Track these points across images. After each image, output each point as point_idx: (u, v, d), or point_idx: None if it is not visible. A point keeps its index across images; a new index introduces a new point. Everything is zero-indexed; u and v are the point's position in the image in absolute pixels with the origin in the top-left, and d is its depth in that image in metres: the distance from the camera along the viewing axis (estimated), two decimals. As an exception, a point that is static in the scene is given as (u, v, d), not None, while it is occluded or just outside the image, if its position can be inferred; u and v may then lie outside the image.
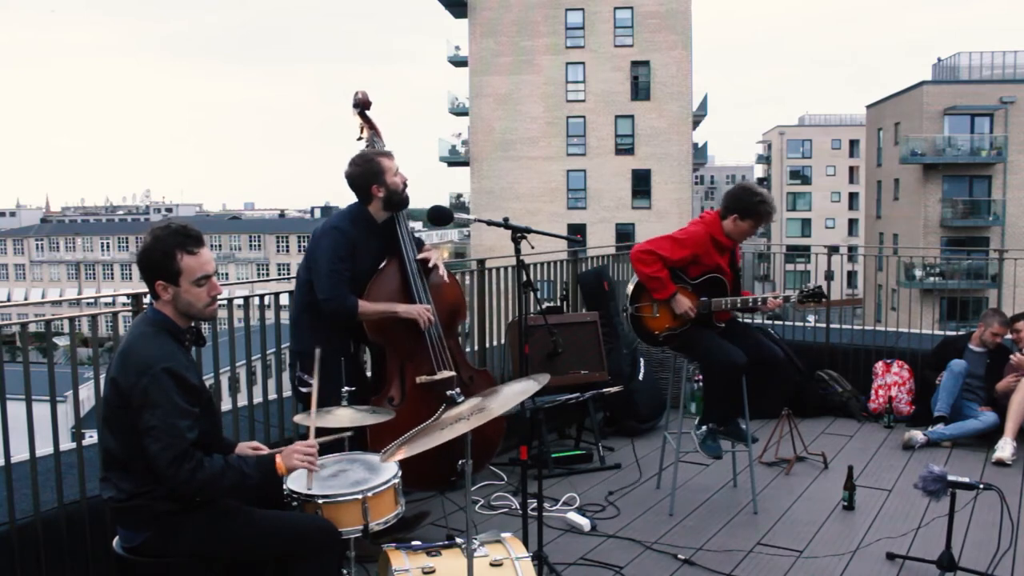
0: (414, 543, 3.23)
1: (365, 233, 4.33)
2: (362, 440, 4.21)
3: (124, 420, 2.86)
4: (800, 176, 70.88)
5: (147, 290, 3.09)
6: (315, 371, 3.36)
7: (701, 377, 6.23)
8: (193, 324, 3.09)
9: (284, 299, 5.04)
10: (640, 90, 36.65)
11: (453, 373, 4.47)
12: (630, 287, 5.07)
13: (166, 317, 2.99)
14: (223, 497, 2.98)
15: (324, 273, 4.19)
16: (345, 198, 4.48)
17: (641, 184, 36.97)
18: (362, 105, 4.59)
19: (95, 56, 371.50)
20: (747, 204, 4.81)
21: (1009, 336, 6.40)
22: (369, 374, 4.81)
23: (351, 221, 4.32)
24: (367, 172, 4.30)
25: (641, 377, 6.71)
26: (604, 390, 4.41)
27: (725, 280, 4.92)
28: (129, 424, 2.84)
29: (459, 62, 39.43)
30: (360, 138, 4.60)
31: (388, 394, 4.42)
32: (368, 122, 4.61)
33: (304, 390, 4.22)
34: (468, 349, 6.06)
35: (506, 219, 3.98)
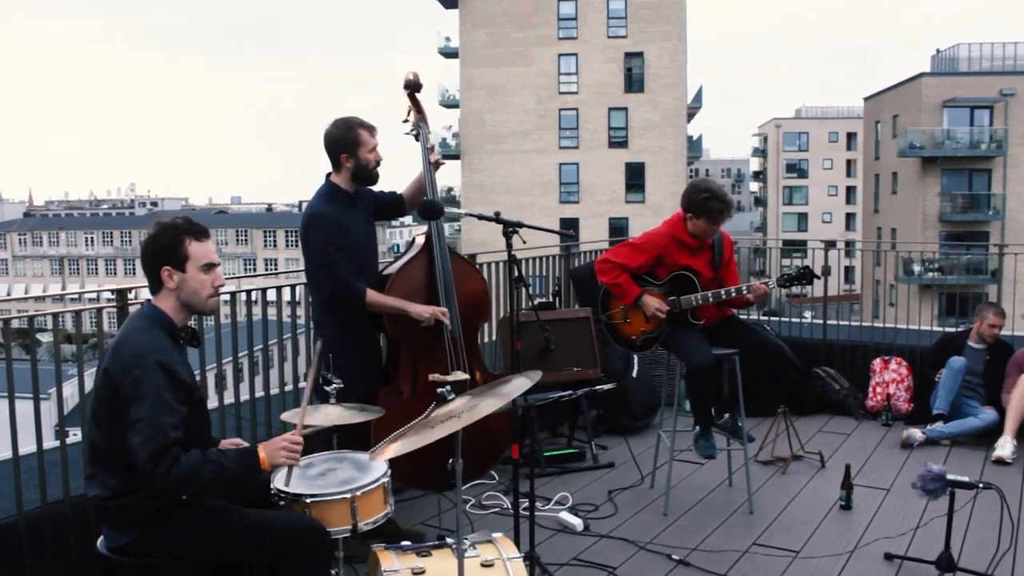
0: (404, 543, 3.19)
1: (344, 207, 4.22)
2: (356, 437, 4.13)
3: (113, 413, 2.83)
4: (796, 169, 70.57)
5: (142, 285, 3.09)
6: (312, 364, 3.32)
7: None
8: (190, 323, 3.08)
9: (271, 295, 4.98)
10: (634, 82, 36.51)
11: (467, 376, 4.28)
12: (599, 297, 5.04)
13: (164, 314, 2.97)
14: (203, 492, 2.94)
15: (322, 267, 4.14)
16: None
17: (635, 178, 36.87)
18: (412, 87, 4.44)
19: (82, 49, 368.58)
20: (694, 202, 4.74)
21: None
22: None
23: (327, 200, 4.20)
24: (343, 139, 4.18)
25: (635, 374, 6.66)
26: (597, 387, 4.37)
27: (693, 277, 4.84)
28: (117, 417, 2.81)
29: (450, 53, 39.26)
30: (406, 120, 4.45)
31: (399, 387, 4.34)
32: (416, 105, 4.46)
33: (328, 388, 4.15)
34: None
35: (497, 213, 3.93)
